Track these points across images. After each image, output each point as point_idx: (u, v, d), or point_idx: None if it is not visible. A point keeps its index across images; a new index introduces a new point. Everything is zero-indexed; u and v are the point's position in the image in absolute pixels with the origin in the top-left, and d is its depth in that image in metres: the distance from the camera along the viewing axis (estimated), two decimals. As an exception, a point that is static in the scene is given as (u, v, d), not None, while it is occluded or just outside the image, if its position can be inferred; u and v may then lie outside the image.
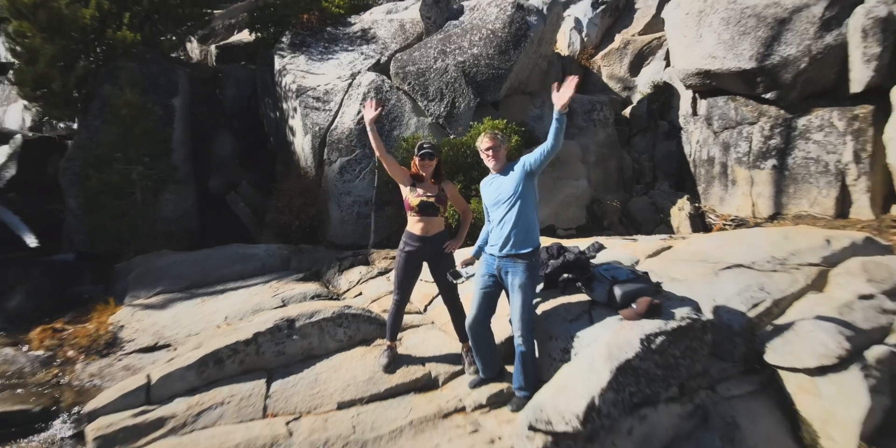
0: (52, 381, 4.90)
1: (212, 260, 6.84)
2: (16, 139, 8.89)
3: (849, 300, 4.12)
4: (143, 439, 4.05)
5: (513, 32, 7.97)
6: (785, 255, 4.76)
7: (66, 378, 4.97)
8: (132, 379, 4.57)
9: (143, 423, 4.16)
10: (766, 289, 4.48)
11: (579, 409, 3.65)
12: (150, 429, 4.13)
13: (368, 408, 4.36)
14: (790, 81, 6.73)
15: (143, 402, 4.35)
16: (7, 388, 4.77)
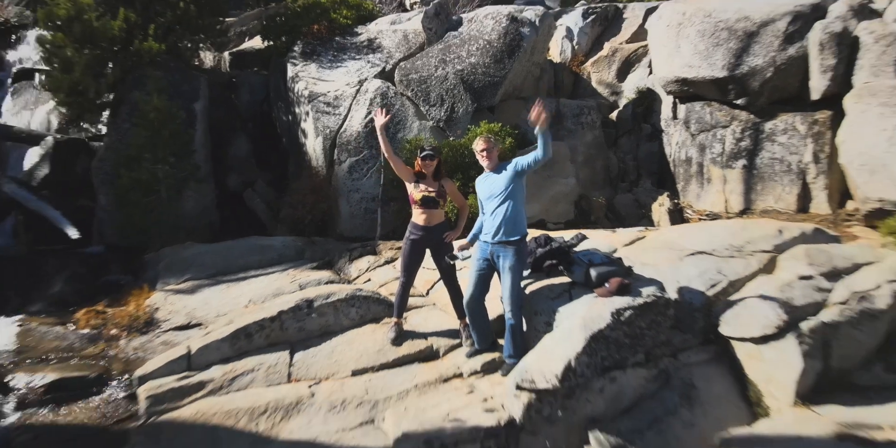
0: (100, 354, 5.54)
1: (234, 250, 7.49)
2: (47, 141, 9.52)
3: (790, 280, 4.77)
4: (187, 399, 4.70)
5: (507, 43, 8.60)
6: (741, 243, 5.41)
7: (113, 352, 5.62)
8: (174, 350, 5.22)
9: (187, 385, 4.81)
10: (723, 272, 5.12)
11: (558, 370, 4.31)
12: (192, 390, 4.78)
13: (379, 374, 5.01)
14: (758, 89, 7.36)
15: (185, 368, 5.00)
16: (62, 359, 5.42)
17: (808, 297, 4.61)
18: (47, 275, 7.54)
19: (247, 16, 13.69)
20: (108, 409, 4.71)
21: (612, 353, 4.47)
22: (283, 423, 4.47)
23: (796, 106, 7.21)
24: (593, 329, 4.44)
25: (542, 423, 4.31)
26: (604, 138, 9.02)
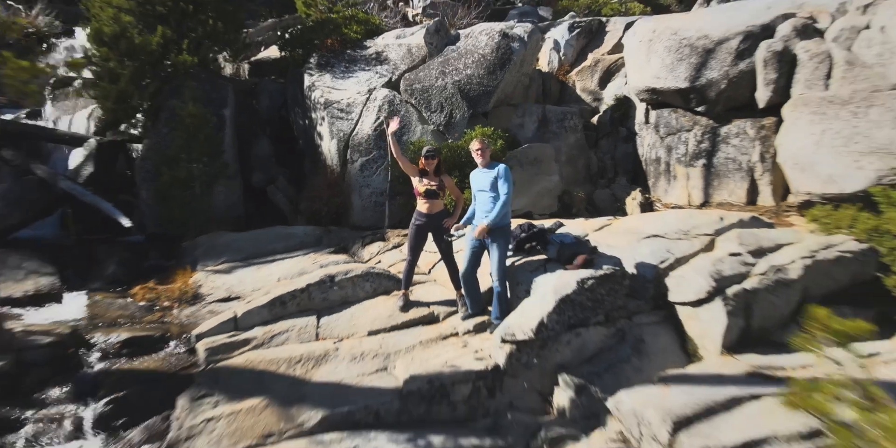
0: (158, 320, 6.60)
1: (262, 238, 8.54)
2: (90, 142, 10.55)
3: (722, 257, 5.81)
4: (237, 351, 5.76)
5: (499, 56, 9.65)
6: (688, 228, 6.45)
7: (168, 319, 6.68)
8: (222, 315, 6.27)
9: (235, 341, 5.87)
10: (671, 251, 6.16)
11: (533, 325, 5.37)
12: (240, 345, 5.84)
13: (390, 334, 6.06)
14: (714, 98, 8.39)
15: (233, 329, 6.06)
16: (129, 323, 6.48)
17: (734, 269, 5.66)
18: (99, 259, 8.59)
19: (263, 27, 14.70)
20: (172, 360, 5.78)
21: (577, 314, 5.54)
22: (314, 369, 5.53)
23: (747, 113, 8.24)
24: (562, 294, 5.50)
25: (521, 369, 5.38)
26: (585, 140, 10.07)
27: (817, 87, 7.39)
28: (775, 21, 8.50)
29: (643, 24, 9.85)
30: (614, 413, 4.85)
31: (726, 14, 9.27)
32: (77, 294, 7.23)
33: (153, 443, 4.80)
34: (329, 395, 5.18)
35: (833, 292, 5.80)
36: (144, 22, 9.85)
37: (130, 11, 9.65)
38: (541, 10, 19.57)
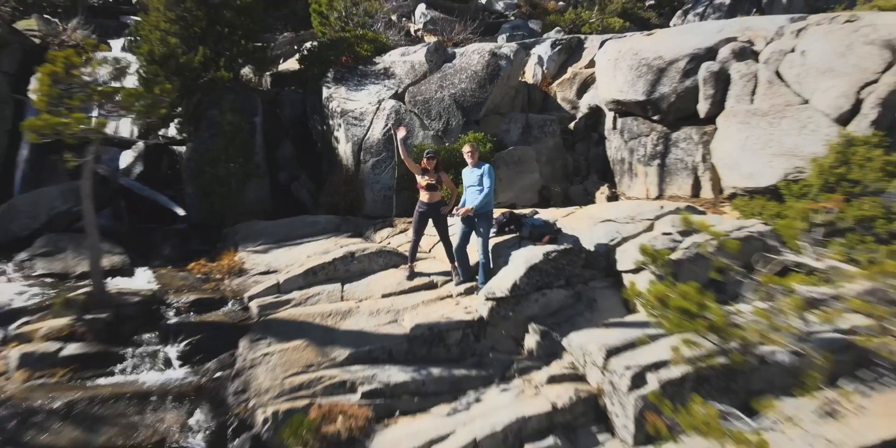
0: (214, 287, 8.15)
1: (290, 225, 10.09)
2: (139, 145, 12.09)
3: (656, 235, 7.38)
4: (281, 308, 7.31)
5: (489, 72, 11.19)
6: (635, 214, 8.01)
7: (222, 287, 8.23)
8: (266, 282, 7.83)
9: (279, 301, 7.43)
10: (619, 232, 7.71)
11: (509, 285, 6.92)
12: (283, 304, 7.40)
13: (399, 297, 7.61)
14: (666, 109, 9.93)
15: (276, 292, 7.62)
16: (192, 290, 8.04)
17: (665, 245, 7.21)
18: (154, 243, 10.14)
19: (282, 42, 16.22)
20: (231, 316, 7.34)
21: (543, 278, 7.10)
22: (341, 321, 7.10)
23: (692, 121, 9.78)
24: (531, 263, 7.06)
25: (500, 320, 6.95)
26: (562, 143, 11.60)
27: (744, 101, 8.94)
28: (718, 44, 10.05)
29: (612, 44, 11.40)
30: (567, 348, 6.42)
31: (681, 37, 10.82)
32: (144, 269, 8.78)
33: (224, 370, 6.37)
34: (353, 339, 6.74)
35: (743, 263, 7.35)
36: (186, 43, 11.37)
37: (175, 34, 11.18)
38: (531, 23, 21.10)
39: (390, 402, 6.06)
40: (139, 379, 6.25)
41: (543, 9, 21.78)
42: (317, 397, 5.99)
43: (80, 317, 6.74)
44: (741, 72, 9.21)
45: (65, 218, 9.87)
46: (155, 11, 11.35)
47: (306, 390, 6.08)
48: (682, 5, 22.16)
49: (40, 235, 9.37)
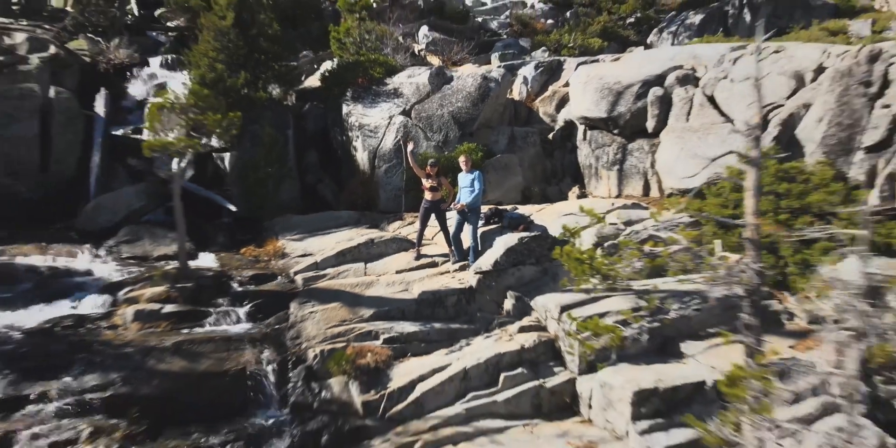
0: (264, 266, 10.25)
1: (318, 219, 12.17)
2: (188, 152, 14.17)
3: (605, 226, 9.49)
4: (320, 281, 9.40)
5: (481, 93, 13.26)
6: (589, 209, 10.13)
7: (270, 266, 10.33)
8: (306, 261, 9.92)
9: (317, 275, 9.54)
10: (578, 222, 9.79)
11: (492, 262, 9.03)
12: (321, 277, 9.50)
13: (409, 273, 9.67)
14: (623, 125, 12.02)
15: (315, 269, 9.74)
16: (247, 268, 10.16)
17: (610, 232, 9.34)
18: (208, 234, 12.25)
19: (304, 62, 18.29)
20: (282, 286, 9.45)
21: (518, 257, 9.20)
22: (365, 290, 9.21)
23: (644, 135, 11.86)
24: (508, 245, 9.17)
25: (485, 288, 9.06)
26: (542, 151, 13.71)
27: (681, 120, 11.03)
28: (666, 72, 12.14)
29: (583, 69, 13.50)
30: (534, 307, 8.55)
31: (638, 65, 12.91)
32: (205, 253, 10.86)
33: (281, 324, 8.48)
34: (375, 302, 8.85)
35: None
36: (229, 68, 13.43)
37: (221, 61, 13.26)
38: (521, 41, 23.13)
39: (404, 346, 8.18)
40: (221, 329, 8.40)
41: (532, 28, 23.80)
42: (350, 342, 8.11)
43: (172, 285, 8.87)
44: (680, 96, 11.32)
45: (138, 213, 11.99)
46: (204, 42, 13.43)
47: (342, 337, 8.20)
48: (659, 24, 24.18)
49: (121, 227, 11.49)
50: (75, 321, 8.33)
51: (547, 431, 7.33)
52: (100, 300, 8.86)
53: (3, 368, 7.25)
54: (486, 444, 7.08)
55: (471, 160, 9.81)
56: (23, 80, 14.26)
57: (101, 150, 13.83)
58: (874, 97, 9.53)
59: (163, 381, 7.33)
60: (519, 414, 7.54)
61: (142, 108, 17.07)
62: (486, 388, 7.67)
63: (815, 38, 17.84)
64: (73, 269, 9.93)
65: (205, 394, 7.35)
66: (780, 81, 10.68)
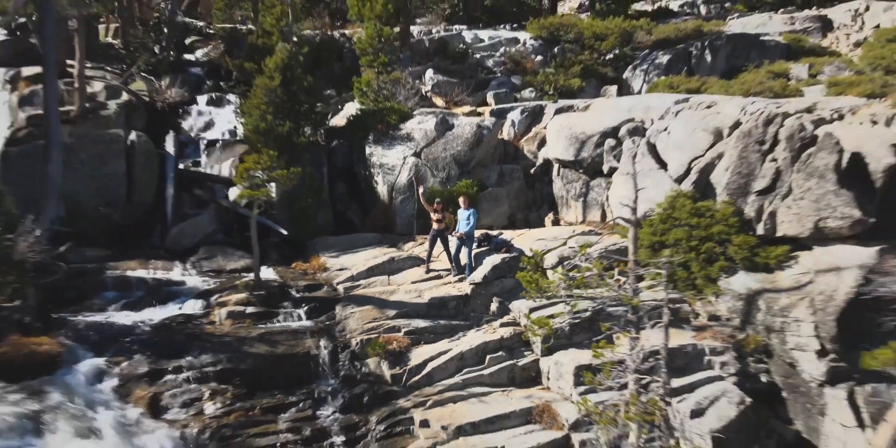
0: (312, 277, 13.35)
1: (349, 240, 15.18)
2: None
3: (566, 248, 12.56)
4: (355, 289, 12.40)
5: (476, 139, 16.29)
6: (556, 236, 13.14)
7: (317, 277, 13.43)
8: (345, 274, 12.99)
9: (353, 285, 12.57)
10: (547, 245, 12.86)
11: (482, 275, 12.06)
12: (355, 287, 12.52)
13: (421, 283, 12.65)
14: (586, 166, 15.02)
15: (351, 280, 12.79)
16: (299, 278, 13.26)
17: (569, 253, 12.40)
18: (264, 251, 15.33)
19: (332, 102, 21.35)
20: (328, 293, 12.53)
21: (501, 272, 12.26)
22: (389, 296, 12.27)
23: (601, 175, 14.96)
24: (494, 263, 12.24)
25: (477, 295, 12.15)
26: (525, 184, 16.78)
27: (628, 164, 14.11)
28: (621, 124, 15.19)
29: (557, 119, 16.58)
30: (511, 309, 11.66)
31: (600, 116, 15.96)
32: (266, 268, 13.91)
33: (330, 321, 11.59)
34: (397, 306, 11.93)
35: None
36: (276, 117, 16.51)
37: (270, 112, 16.34)
38: (514, 78, 26.15)
39: (418, 337, 11.26)
40: (288, 325, 11.52)
41: (523, 67, 26.84)
42: (381, 333, 11.19)
43: (250, 293, 11.98)
44: (628, 146, 14.41)
45: (210, 235, 15.13)
46: (256, 97, 16.53)
47: (375, 330, 11.29)
48: (633, 60, 27.15)
49: (199, 247, 14.62)
50: (185, 319, 11.44)
51: (518, 395, 10.42)
52: (198, 304, 11.97)
53: (146, 350, 10.36)
54: (476, 403, 10.16)
55: (468, 199, 12.96)
56: (106, 124, 17.38)
57: (173, 183, 16.97)
58: (766, 153, 12.59)
59: (253, 360, 10.42)
60: (499, 383, 10.64)
61: (196, 142, 20.27)
62: (476, 365, 10.76)
63: (760, 81, 20.79)
64: (171, 280, 13.05)
65: (282, 369, 10.43)
66: (703, 136, 13.71)
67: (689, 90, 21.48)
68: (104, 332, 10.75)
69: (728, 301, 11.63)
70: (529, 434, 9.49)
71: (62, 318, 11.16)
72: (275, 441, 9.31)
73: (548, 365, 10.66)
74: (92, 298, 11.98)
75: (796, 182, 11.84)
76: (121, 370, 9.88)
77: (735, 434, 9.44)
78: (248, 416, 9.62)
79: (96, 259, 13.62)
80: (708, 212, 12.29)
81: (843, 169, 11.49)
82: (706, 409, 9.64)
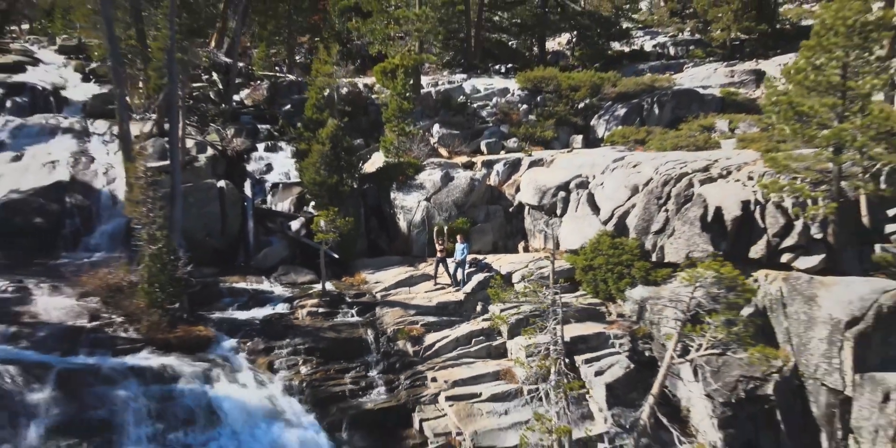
0: (357, 288, 18.96)
1: (380, 261, 20.71)
2: (301, 218, 22.91)
3: (527, 270, 18.14)
4: (387, 297, 17.98)
5: (470, 187, 21.82)
6: (522, 259, 18.68)
7: (360, 288, 18.99)
8: (380, 285, 18.63)
9: (386, 294, 18.04)
10: (515, 267, 18.46)
11: (470, 288, 17.68)
12: (388, 295, 18.03)
13: (431, 292, 18.11)
14: (545, 210, 20.48)
15: (384, 290, 18.34)
16: (350, 289, 18.89)
17: (529, 272, 18.01)
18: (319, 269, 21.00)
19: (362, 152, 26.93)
20: (370, 299, 18.08)
21: (483, 286, 17.67)
22: (410, 301, 17.80)
23: (556, 216, 20.53)
24: (479, 280, 17.83)
25: (468, 301, 17.68)
26: (505, 220, 22.36)
27: (572, 210, 19.70)
28: (571, 180, 20.74)
29: (528, 173, 22.15)
30: (489, 310, 17.33)
31: (556, 172, 21.53)
32: (326, 282, 19.64)
33: (373, 317, 17.16)
34: (415, 307, 17.46)
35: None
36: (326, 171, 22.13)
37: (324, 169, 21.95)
38: (503, 127, 31.66)
39: (429, 327, 16.79)
40: (346, 320, 17.20)
41: (510, 117, 32.26)
42: (405, 325, 16.85)
43: (320, 299, 17.65)
44: (574, 196, 20.02)
45: (286, 258, 20.81)
46: (312, 158, 22.16)
47: (401, 323, 16.84)
48: (599, 110, 32.56)
49: (278, 266, 20.27)
50: (279, 316, 17.00)
51: (491, 363, 15.94)
52: (285, 306, 17.54)
53: (260, 335, 15.94)
54: (465, 367, 15.69)
55: (463, 236, 18.64)
56: (200, 174, 23.10)
57: (252, 218, 22.67)
58: (661, 205, 18.17)
59: (326, 342, 15.98)
60: (480, 356, 16.16)
61: (261, 183, 25.97)
62: (466, 345, 16.31)
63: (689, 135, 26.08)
64: (263, 289, 18.67)
65: (344, 347, 15.93)
66: (624, 191, 19.27)
67: (637, 140, 27.17)
68: (232, 324, 16.35)
69: (630, 305, 17.23)
70: (497, 385, 15.03)
71: (202, 315, 16.79)
72: (343, 389, 14.84)
73: (511, 345, 16.27)
74: (216, 302, 17.62)
75: (677, 226, 17.41)
76: (248, 347, 15.47)
77: (622, 386, 15.00)
78: (326, 374, 15.16)
79: (210, 275, 19.25)
80: (621, 245, 17.87)
81: (709, 219, 17.08)
82: (605, 371, 15.19)
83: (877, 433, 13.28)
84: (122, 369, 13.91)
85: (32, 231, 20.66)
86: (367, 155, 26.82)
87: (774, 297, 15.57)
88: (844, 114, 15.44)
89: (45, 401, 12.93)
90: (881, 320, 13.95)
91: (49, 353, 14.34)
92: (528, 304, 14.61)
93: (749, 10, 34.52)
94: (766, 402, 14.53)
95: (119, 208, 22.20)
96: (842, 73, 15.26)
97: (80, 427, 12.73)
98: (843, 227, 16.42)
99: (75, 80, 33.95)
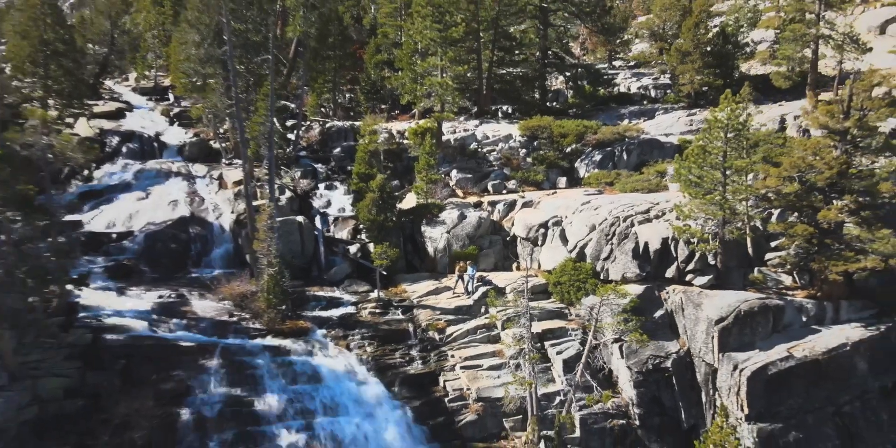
0: (400, 296, 26.24)
1: (415, 276, 27.82)
2: (356, 245, 30.23)
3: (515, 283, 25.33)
4: (420, 302, 25.27)
5: (478, 223, 28.79)
6: (513, 277, 25.75)
7: (402, 295, 26.24)
8: (416, 294, 25.83)
9: (420, 300, 25.40)
10: (508, 283, 25.58)
11: (477, 296, 24.85)
12: (421, 301, 25.26)
13: (451, 299, 25.10)
14: (531, 240, 27.23)
15: (419, 297, 25.68)
16: (394, 296, 26.20)
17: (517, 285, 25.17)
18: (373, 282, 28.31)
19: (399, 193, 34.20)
20: (409, 303, 25.39)
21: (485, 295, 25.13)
22: (436, 304, 25.12)
23: (538, 245, 27.72)
24: (483, 291, 25.04)
25: (476, 305, 24.94)
26: (503, 246, 29.48)
27: (549, 242, 26.73)
28: (549, 219, 27.70)
29: (519, 214, 29.31)
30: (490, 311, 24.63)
31: (539, 213, 28.67)
32: (377, 290, 26.93)
33: (412, 315, 24.49)
34: (441, 309, 24.66)
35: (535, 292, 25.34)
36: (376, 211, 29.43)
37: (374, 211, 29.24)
38: (506, 170, 38.79)
39: (449, 322, 23.94)
40: (394, 317, 24.50)
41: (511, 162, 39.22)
42: (434, 321, 24.11)
43: (375, 303, 24.99)
44: (550, 232, 27.15)
45: (350, 274, 28.22)
46: (366, 202, 29.46)
47: (431, 319, 24.15)
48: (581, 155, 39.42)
49: (344, 279, 27.56)
50: (349, 315, 24.31)
51: (490, 347, 22.99)
52: (352, 308, 24.88)
53: (339, 327, 23.27)
54: (472, 349, 22.90)
55: (473, 260, 25.97)
56: (283, 211, 30.69)
57: (322, 244, 30.12)
58: (608, 240, 25.23)
59: (383, 332, 23.06)
60: (483, 342, 23.35)
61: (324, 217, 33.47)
62: (475, 335, 23.51)
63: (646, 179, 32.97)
64: (335, 296, 25.94)
65: (394, 335, 22.97)
66: (585, 229, 26.32)
67: (607, 182, 34.07)
68: (319, 319, 23.66)
69: (584, 308, 24.38)
70: (493, 360, 22.21)
71: (298, 314, 24.29)
72: (395, 361, 22.01)
73: (502, 335, 23.43)
74: (306, 305, 25.07)
75: (618, 255, 24.42)
76: (332, 334, 22.75)
77: (573, 360, 22.10)
78: (383, 352, 22.31)
79: (298, 286, 26.74)
80: (580, 267, 24.87)
81: (640, 251, 24.18)
82: (564, 351, 22.36)
83: (730, 390, 20.27)
84: (258, 347, 21.34)
85: (169, 254, 28.27)
86: (402, 195, 34.21)
87: (677, 303, 22.53)
88: (725, 183, 22.42)
89: (215, 366, 20.42)
90: (739, 319, 20.87)
91: (210, 336, 21.84)
92: (512, 308, 21.71)
93: (709, 67, 40.73)
94: (667, 372, 21.50)
95: (226, 236, 29.96)
96: (723, 155, 22.26)
97: (238, 381, 20.19)
98: (730, 256, 23.38)
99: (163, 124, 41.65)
